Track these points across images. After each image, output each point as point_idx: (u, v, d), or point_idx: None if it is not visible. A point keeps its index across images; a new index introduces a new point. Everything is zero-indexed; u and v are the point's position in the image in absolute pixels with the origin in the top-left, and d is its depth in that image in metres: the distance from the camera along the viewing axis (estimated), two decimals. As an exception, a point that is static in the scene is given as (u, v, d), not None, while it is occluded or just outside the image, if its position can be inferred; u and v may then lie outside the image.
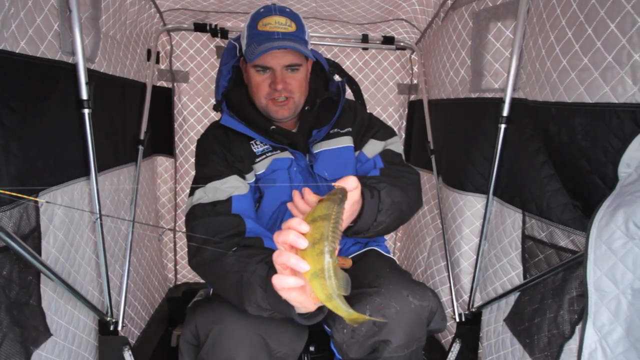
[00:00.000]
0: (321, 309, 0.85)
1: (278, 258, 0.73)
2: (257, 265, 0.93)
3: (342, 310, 0.72)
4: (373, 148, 1.32)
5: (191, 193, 1.19)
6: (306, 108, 1.30)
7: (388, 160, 1.28)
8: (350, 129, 1.36)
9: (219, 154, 1.24)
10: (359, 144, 1.35)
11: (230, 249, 1.01)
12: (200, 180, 1.19)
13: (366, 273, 1.17)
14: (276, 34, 1.17)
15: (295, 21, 1.21)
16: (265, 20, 1.19)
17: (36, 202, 1.08)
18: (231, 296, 0.99)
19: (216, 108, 1.32)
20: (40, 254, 1.14)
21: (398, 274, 1.19)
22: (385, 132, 1.36)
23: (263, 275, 0.90)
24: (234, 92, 1.33)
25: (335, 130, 1.34)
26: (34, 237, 1.10)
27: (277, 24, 1.18)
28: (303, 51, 1.16)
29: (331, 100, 1.35)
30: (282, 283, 0.74)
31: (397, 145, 1.34)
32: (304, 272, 0.71)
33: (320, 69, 1.39)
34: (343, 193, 0.80)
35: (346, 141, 1.34)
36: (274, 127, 1.26)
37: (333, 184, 0.84)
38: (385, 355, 1.06)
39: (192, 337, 1.08)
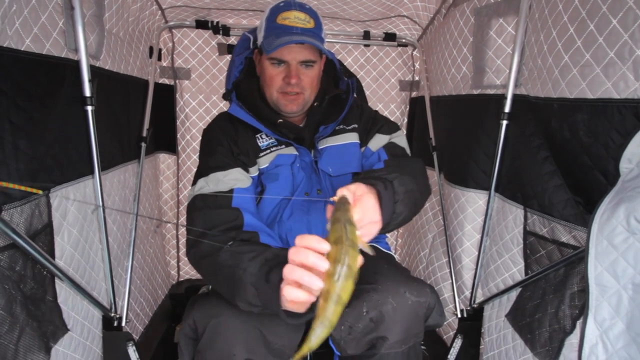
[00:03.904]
0: (311, 308, 0.84)
1: (290, 274, 0.74)
2: (249, 262, 0.93)
3: (328, 317, 0.68)
4: (378, 142, 1.33)
5: (194, 182, 1.20)
6: (315, 104, 1.31)
7: (392, 153, 1.29)
8: (356, 126, 1.36)
9: (224, 145, 1.24)
10: (365, 140, 1.35)
11: (227, 243, 1.01)
12: (204, 170, 1.20)
13: (364, 270, 1.17)
14: (295, 29, 1.19)
15: (314, 18, 1.23)
16: (285, 14, 1.20)
17: (45, 196, 1.09)
18: (224, 290, 1.00)
19: (225, 97, 1.32)
20: (53, 250, 1.14)
21: (396, 270, 1.19)
22: (390, 126, 1.37)
23: (255, 273, 0.91)
24: (244, 83, 1.33)
25: (341, 126, 1.35)
26: (46, 233, 1.11)
27: (297, 19, 1.20)
28: (321, 47, 1.18)
29: (339, 97, 1.35)
30: (292, 296, 0.76)
31: (401, 139, 1.35)
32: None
33: (332, 67, 1.40)
34: (345, 201, 0.79)
35: (352, 137, 1.35)
36: (281, 120, 1.27)
37: (333, 198, 0.82)
38: (383, 351, 1.06)
39: (191, 331, 1.09)
